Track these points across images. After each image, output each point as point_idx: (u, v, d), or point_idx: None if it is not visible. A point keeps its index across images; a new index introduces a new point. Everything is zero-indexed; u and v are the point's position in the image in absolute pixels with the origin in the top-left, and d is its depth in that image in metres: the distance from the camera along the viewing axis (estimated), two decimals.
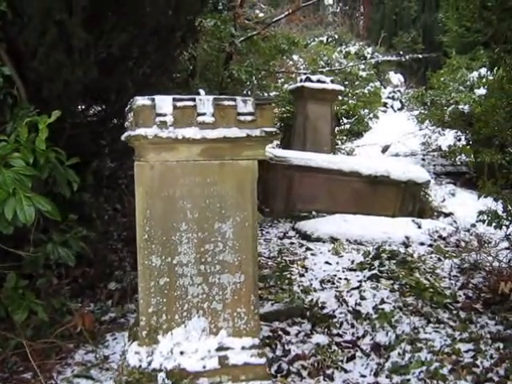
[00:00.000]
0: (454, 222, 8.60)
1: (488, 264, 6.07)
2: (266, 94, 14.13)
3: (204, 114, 3.34)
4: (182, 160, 3.36)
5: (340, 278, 5.72)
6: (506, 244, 6.56)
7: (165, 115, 3.27)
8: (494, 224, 5.56)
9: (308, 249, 6.69)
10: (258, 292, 5.35)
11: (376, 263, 5.92)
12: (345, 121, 16.40)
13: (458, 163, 12.80)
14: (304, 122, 11.02)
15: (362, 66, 18.54)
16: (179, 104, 3.30)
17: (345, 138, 15.55)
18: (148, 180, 3.33)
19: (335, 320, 4.81)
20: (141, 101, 3.24)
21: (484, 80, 10.52)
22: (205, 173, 3.41)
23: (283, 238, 7.21)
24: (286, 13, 12.22)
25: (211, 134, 3.33)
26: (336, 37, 25.68)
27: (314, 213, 8.10)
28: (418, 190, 8.58)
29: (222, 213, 3.46)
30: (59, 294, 4.50)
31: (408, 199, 8.48)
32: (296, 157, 8.09)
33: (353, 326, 4.75)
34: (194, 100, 3.33)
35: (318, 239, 6.98)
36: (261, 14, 13.55)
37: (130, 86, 5.36)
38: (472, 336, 4.43)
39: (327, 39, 25.07)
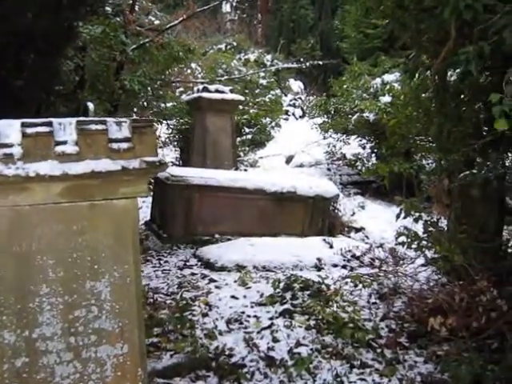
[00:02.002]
0: (366, 237, 8.18)
1: (407, 286, 5.61)
2: (162, 105, 13.37)
3: (65, 143, 2.57)
4: (37, 203, 2.58)
5: (249, 316, 5.03)
6: (422, 260, 6.17)
7: (11, 146, 2.47)
8: (413, 246, 5.08)
9: (212, 280, 5.96)
10: (155, 340, 4.64)
11: (288, 295, 5.28)
12: (246, 130, 15.84)
13: (364, 169, 12.52)
14: (203, 136, 10.29)
15: (262, 74, 18.07)
16: (30, 130, 2.51)
17: (247, 148, 14.97)
18: None
19: (245, 370, 4.15)
20: None
21: (388, 87, 10.23)
22: (70, 218, 2.64)
23: (183, 268, 6.44)
24: (181, 19, 11.48)
25: (75, 169, 2.56)
26: (234, 44, 25.22)
27: (217, 236, 7.39)
28: (326, 205, 8.06)
29: (95, 268, 2.69)
30: None
31: (317, 215, 7.94)
32: (194, 175, 7.35)
33: (266, 375, 4.11)
34: (50, 125, 2.56)
35: (223, 268, 6.26)
36: (157, 22, 12.73)
37: None
38: (402, 383, 3.86)
39: (226, 47, 24.56)
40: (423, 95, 4.72)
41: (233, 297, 5.47)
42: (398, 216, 5.05)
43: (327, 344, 4.45)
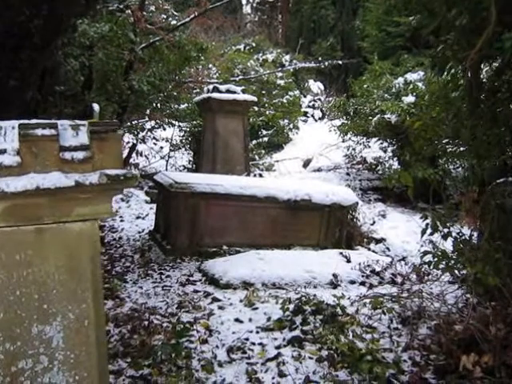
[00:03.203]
0: (387, 248, 7.55)
1: (433, 308, 4.99)
2: (175, 107, 12.89)
3: (3, 152, 2.03)
4: None
5: (253, 344, 4.44)
6: (449, 276, 5.57)
7: None
8: (441, 266, 4.46)
9: (215, 299, 5.38)
10: (146, 372, 4.08)
11: (298, 320, 4.68)
12: (263, 132, 15.29)
13: (386, 176, 11.89)
14: (213, 139, 9.71)
15: (280, 74, 17.48)
16: None
17: (263, 151, 14.39)
18: None
19: None
20: None
21: (411, 87, 9.59)
22: (11, 247, 2.12)
23: (186, 285, 5.87)
24: (192, 16, 10.95)
25: (15, 185, 2.03)
26: (254, 45, 24.66)
27: (224, 247, 6.82)
28: (344, 213, 7.45)
29: (44, 308, 2.16)
30: None
31: (334, 225, 7.34)
32: (200, 182, 6.77)
33: None
34: None
35: (228, 285, 5.67)
36: (173, 22, 12.19)
37: None
38: None
39: (244, 47, 24.03)
40: (453, 94, 4.10)
41: (237, 320, 4.88)
42: (423, 231, 4.43)
43: (341, 381, 3.85)
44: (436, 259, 4.40)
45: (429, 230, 4.34)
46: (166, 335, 4.57)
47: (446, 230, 4.32)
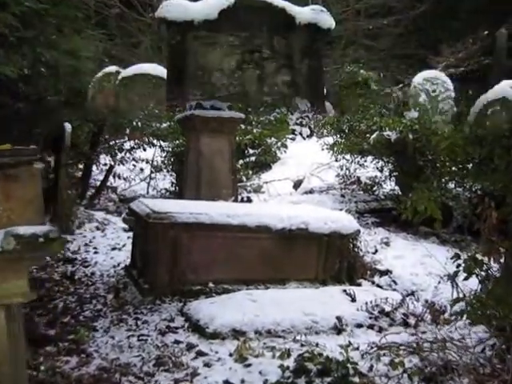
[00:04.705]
0: (394, 282, 6.72)
1: (460, 361, 4.18)
2: (156, 126, 12.08)
3: None
4: None
5: None
6: None
7: None
8: (473, 316, 3.67)
9: (200, 354, 4.51)
10: None
11: (301, 383, 3.85)
12: (250, 151, 14.46)
13: (382, 197, 11.11)
14: (197, 160, 8.86)
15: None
16: None
17: (250, 172, 13.55)
18: None
19: None
20: None
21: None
22: None
23: (166, 333, 4.99)
24: None
25: None
26: None
27: (210, 285, 5.95)
28: (344, 243, 6.63)
29: None
30: None
31: (333, 256, 6.51)
32: (182, 211, 5.90)
33: None
34: None
35: (216, 334, 4.80)
36: None
37: None
38: None
39: None
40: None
41: (226, 382, 4.03)
42: (455, 274, 3.65)
43: None
44: (470, 308, 3.62)
45: (463, 274, 3.56)
46: None
47: (483, 274, 3.54)
